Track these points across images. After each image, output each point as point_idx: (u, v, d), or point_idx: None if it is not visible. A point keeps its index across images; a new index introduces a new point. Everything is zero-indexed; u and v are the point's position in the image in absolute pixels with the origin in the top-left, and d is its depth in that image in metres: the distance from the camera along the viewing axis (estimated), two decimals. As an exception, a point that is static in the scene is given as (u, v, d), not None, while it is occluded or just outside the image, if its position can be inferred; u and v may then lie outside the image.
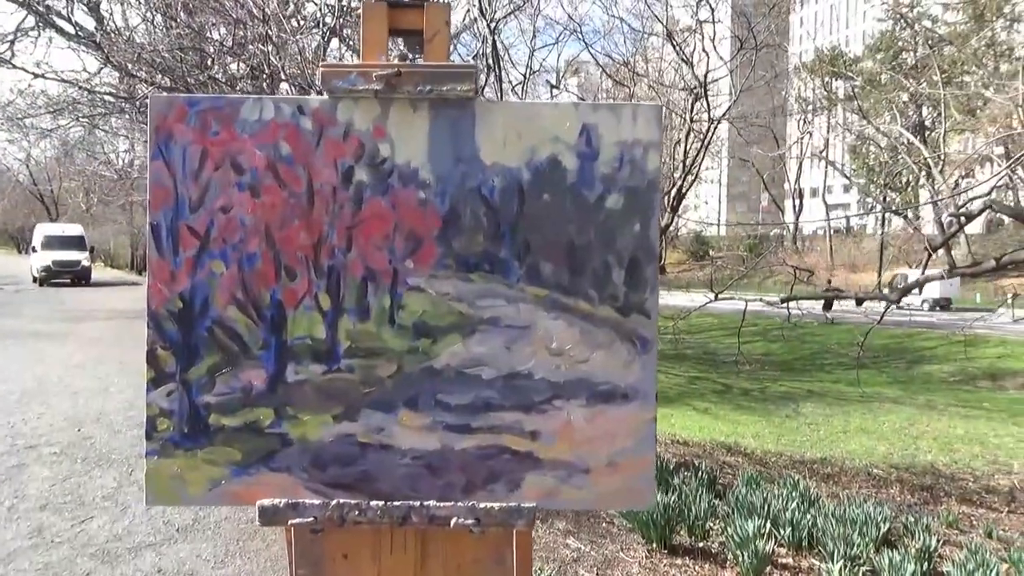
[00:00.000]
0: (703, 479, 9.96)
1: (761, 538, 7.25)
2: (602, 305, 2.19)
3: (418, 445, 2.19)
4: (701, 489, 9.07)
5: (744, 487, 9.74)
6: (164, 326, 2.19)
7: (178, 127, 2.18)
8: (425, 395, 2.19)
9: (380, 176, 2.18)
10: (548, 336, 2.18)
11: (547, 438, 2.19)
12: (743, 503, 8.66)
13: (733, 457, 14.35)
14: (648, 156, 2.19)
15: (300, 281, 2.19)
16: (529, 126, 2.19)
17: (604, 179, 2.18)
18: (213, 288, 2.18)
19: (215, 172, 2.18)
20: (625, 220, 2.19)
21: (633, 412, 2.19)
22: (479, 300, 2.18)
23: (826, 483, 12.71)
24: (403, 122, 2.18)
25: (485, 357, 2.18)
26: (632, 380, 2.19)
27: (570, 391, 2.19)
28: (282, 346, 2.19)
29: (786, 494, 9.55)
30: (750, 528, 7.29)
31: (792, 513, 8.20)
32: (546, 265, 2.19)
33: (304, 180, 2.18)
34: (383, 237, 2.18)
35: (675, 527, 7.88)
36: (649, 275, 2.20)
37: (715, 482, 10.37)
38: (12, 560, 6.41)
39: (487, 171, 2.18)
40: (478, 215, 2.18)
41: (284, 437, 2.19)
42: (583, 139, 2.18)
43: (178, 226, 2.18)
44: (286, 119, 2.18)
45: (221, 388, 2.19)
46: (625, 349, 2.19)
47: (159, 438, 2.19)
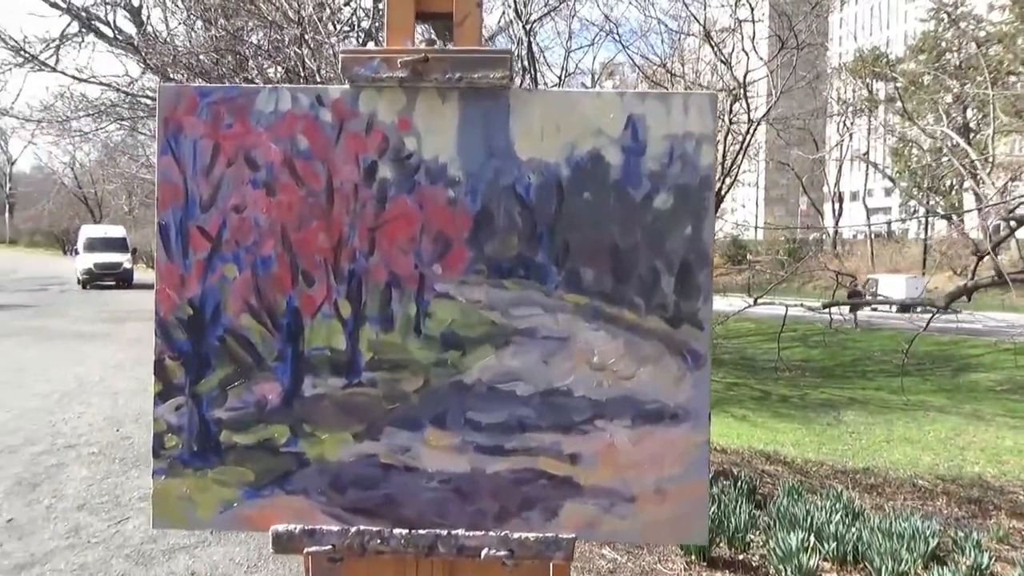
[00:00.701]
0: (742, 488, 9.67)
1: (805, 552, 6.97)
2: (649, 315, 1.98)
3: (446, 467, 1.99)
4: (741, 499, 8.80)
5: (785, 498, 9.43)
6: (173, 335, 2.02)
7: (188, 120, 2.01)
8: (454, 412, 1.99)
9: (405, 173, 1.99)
10: (589, 349, 1.98)
11: (588, 462, 1.98)
12: (785, 515, 8.37)
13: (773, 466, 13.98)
14: (701, 150, 1.98)
15: (318, 287, 2.00)
16: (569, 118, 1.98)
17: (652, 176, 1.97)
18: (225, 294, 2.01)
19: (228, 168, 2.01)
20: (675, 221, 1.97)
21: (683, 434, 1.98)
22: (513, 309, 1.98)
23: (869, 494, 12.31)
24: (431, 113, 1.99)
25: (520, 371, 1.98)
26: (682, 399, 1.98)
27: (613, 410, 1.98)
28: (299, 357, 2.01)
29: (829, 506, 9.22)
30: (793, 542, 7.01)
31: (836, 526, 7.90)
32: (587, 270, 1.98)
33: (323, 177, 2.00)
34: (409, 239, 1.99)
35: (715, 538, 7.61)
36: (702, 282, 1.98)
37: (755, 492, 10.06)
38: (49, 560, 6.43)
39: (522, 167, 1.98)
40: (512, 215, 1.98)
41: (300, 457, 2.01)
42: (629, 132, 1.97)
43: (188, 227, 2.01)
44: (304, 111, 2.00)
45: (233, 402, 2.01)
46: (675, 364, 1.98)
47: (167, 456, 2.03)
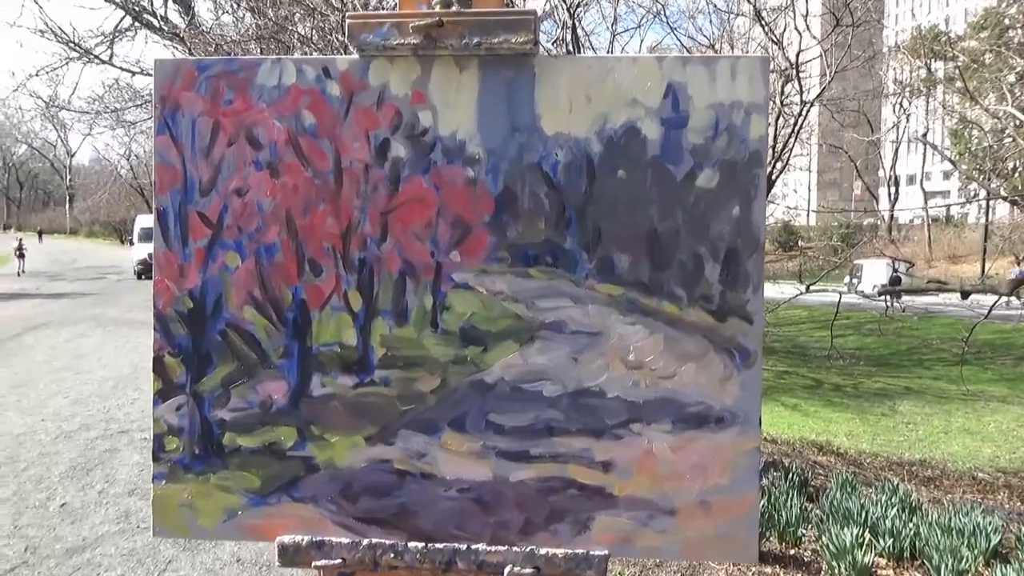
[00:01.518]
0: (794, 481, 9.35)
1: (859, 548, 6.66)
2: (692, 307, 1.76)
3: (466, 475, 1.81)
4: (792, 492, 8.50)
5: (839, 491, 9.09)
6: (172, 329, 1.87)
7: (186, 96, 1.85)
8: (474, 415, 1.81)
9: (420, 151, 1.80)
10: (624, 345, 1.77)
11: (623, 470, 1.78)
12: (838, 508, 8.05)
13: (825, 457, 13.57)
14: (751, 122, 1.75)
15: (327, 277, 1.83)
16: (601, 87, 1.77)
17: (695, 151, 1.75)
18: (227, 285, 1.85)
19: (228, 148, 1.84)
20: (721, 201, 1.76)
21: (731, 440, 1.76)
22: (539, 300, 1.78)
23: (926, 487, 11.85)
24: (447, 85, 1.80)
25: (547, 370, 1.79)
26: (730, 401, 1.76)
27: (651, 413, 1.77)
28: (306, 354, 1.84)
29: (885, 500, 8.85)
30: (847, 537, 6.71)
31: (892, 521, 7.56)
32: (621, 257, 1.77)
33: (331, 157, 1.82)
34: (424, 224, 1.81)
35: (765, 533, 7.34)
36: (751, 270, 1.76)
37: (807, 484, 9.73)
38: (99, 544, 6.50)
39: (549, 143, 1.77)
40: (538, 196, 1.78)
41: (309, 461, 1.85)
42: (668, 101, 1.76)
43: (187, 212, 1.86)
44: (309, 84, 1.83)
45: (237, 402, 1.86)
46: (721, 362, 1.76)
47: (167, 459, 1.88)
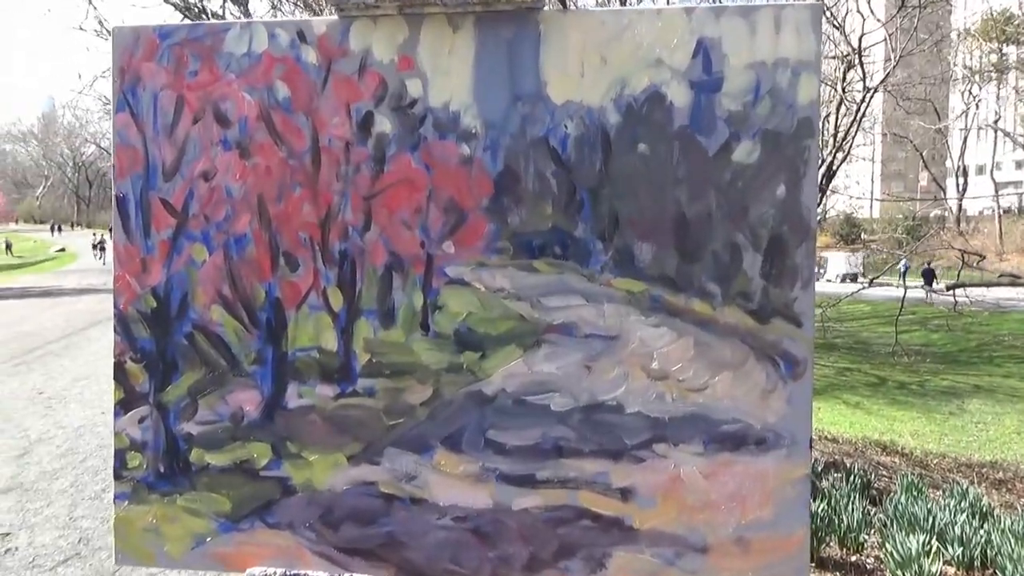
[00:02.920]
0: (855, 483, 8.86)
1: (926, 556, 6.21)
2: (728, 306, 1.48)
3: (462, 500, 1.56)
4: (854, 495, 8.03)
5: (903, 494, 8.58)
6: (134, 331, 1.66)
7: (147, 67, 1.63)
8: (471, 431, 1.56)
9: (408, 125, 1.55)
10: (646, 351, 1.50)
11: (645, 499, 1.51)
12: (903, 513, 7.58)
13: (889, 457, 12.97)
14: (799, 83, 1.46)
15: (303, 272, 1.60)
16: (618, 46, 1.50)
17: (731, 119, 1.47)
18: (193, 281, 1.63)
19: (194, 126, 1.62)
20: (763, 179, 1.47)
21: (775, 465, 1.47)
22: (546, 298, 1.52)
23: (997, 490, 11.20)
24: (439, 48, 1.54)
25: (555, 380, 1.52)
26: (773, 419, 1.47)
27: (679, 432, 1.50)
28: (281, 360, 1.61)
29: (954, 504, 8.33)
30: (913, 544, 6.26)
31: (962, 527, 7.07)
32: (643, 247, 1.50)
33: (307, 134, 1.59)
34: (413, 210, 1.56)
35: (824, 538, 6.92)
36: (800, 262, 1.47)
37: (869, 486, 9.22)
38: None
39: (557, 113, 1.51)
40: (545, 176, 1.52)
41: (284, 483, 1.62)
42: (699, 61, 1.48)
43: (149, 199, 1.64)
44: (283, 51, 1.59)
45: (205, 414, 1.64)
46: (763, 372, 1.47)
47: (130, 478, 1.67)
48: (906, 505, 8.03)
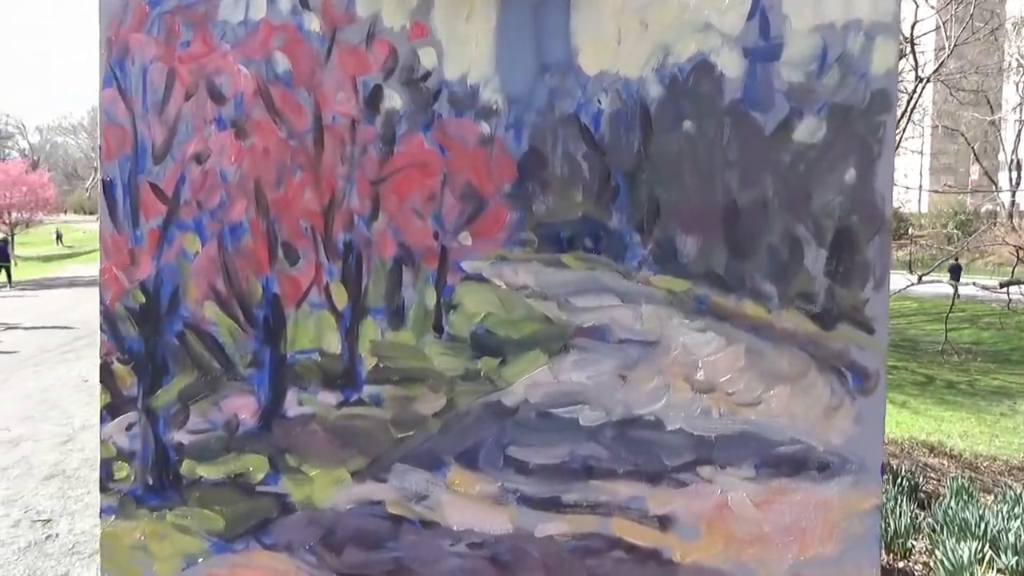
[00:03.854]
0: (902, 485, 8.52)
1: (978, 564, 5.89)
2: (786, 309, 1.28)
3: (478, 525, 1.39)
4: (901, 498, 7.71)
5: (953, 498, 8.22)
6: (122, 329, 1.51)
7: (136, 38, 1.47)
8: (489, 447, 1.38)
9: (421, 100, 1.38)
10: (690, 359, 1.30)
11: (687, 528, 1.32)
12: (953, 519, 7.23)
13: (937, 459, 12.53)
14: (874, 49, 1.25)
15: (304, 265, 1.43)
16: (660, 8, 1.30)
17: (792, 92, 1.27)
18: (185, 275, 1.47)
19: (186, 103, 1.46)
20: (830, 161, 1.26)
21: (840, 494, 1.27)
22: (575, 297, 1.33)
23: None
24: (456, 13, 1.36)
25: (585, 390, 1.34)
26: (839, 440, 1.27)
27: (727, 453, 1.30)
28: (279, 363, 1.45)
29: (1007, 510, 7.95)
30: (964, 552, 5.95)
31: (1016, 534, 6.72)
32: (687, 240, 1.30)
33: (309, 111, 1.42)
34: (426, 197, 1.38)
35: (871, 547, 6.61)
36: (871, 258, 1.26)
37: (917, 489, 8.86)
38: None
39: (590, 86, 1.32)
40: (575, 159, 1.33)
41: (283, 499, 1.46)
42: (755, 24, 1.27)
43: (138, 183, 1.48)
44: (283, 18, 1.43)
45: (197, 422, 1.48)
46: (827, 385, 1.27)
47: (117, 490, 1.52)
48: (956, 510, 7.68)
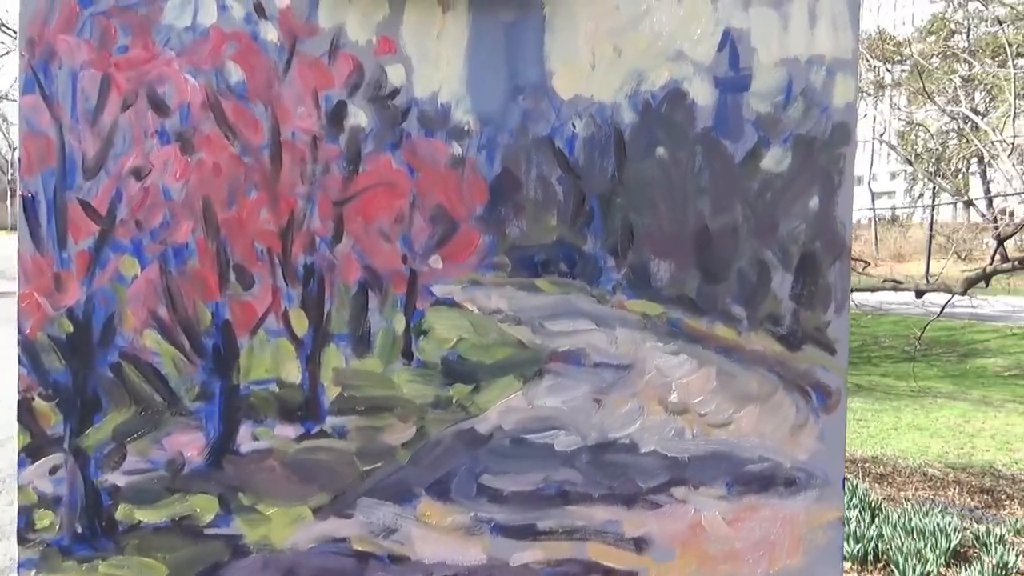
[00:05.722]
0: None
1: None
2: (755, 331, 1.32)
3: (451, 557, 1.35)
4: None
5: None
6: (45, 362, 1.36)
7: (63, 40, 1.34)
8: (462, 476, 1.34)
9: (389, 118, 1.33)
10: (664, 382, 1.32)
11: (662, 549, 1.33)
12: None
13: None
14: (835, 83, 1.32)
15: (259, 290, 1.35)
16: (634, 35, 1.32)
17: (760, 122, 1.32)
18: (121, 301, 1.35)
19: (123, 113, 1.34)
20: (795, 190, 1.32)
21: (806, 508, 1.33)
22: (550, 321, 1.33)
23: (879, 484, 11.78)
24: (426, 29, 1.32)
25: (560, 415, 1.33)
26: (804, 456, 1.33)
27: (700, 473, 1.33)
28: (231, 395, 1.35)
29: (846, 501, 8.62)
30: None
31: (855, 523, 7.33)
32: (660, 264, 1.32)
33: (265, 125, 1.34)
34: (393, 218, 1.33)
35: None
36: (833, 281, 1.33)
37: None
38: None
39: (564, 109, 1.32)
40: (548, 182, 1.32)
41: (235, 542, 1.36)
42: (725, 55, 1.31)
43: (65, 200, 1.34)
44: (236, 26, 1.34)
45: (135, 462, 1.36)
46: (793, 404, 1.33)
47: (38, 541, 1.37)
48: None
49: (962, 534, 7.55)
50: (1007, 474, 13.38)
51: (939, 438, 16.47)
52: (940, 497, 11.44)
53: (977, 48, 33.57)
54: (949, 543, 7.12)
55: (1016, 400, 20.92)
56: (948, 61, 29.99)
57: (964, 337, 29.65)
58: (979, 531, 7.92)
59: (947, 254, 37.05)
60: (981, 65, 25.65)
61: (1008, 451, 15.28)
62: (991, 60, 20.27)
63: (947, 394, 21.50)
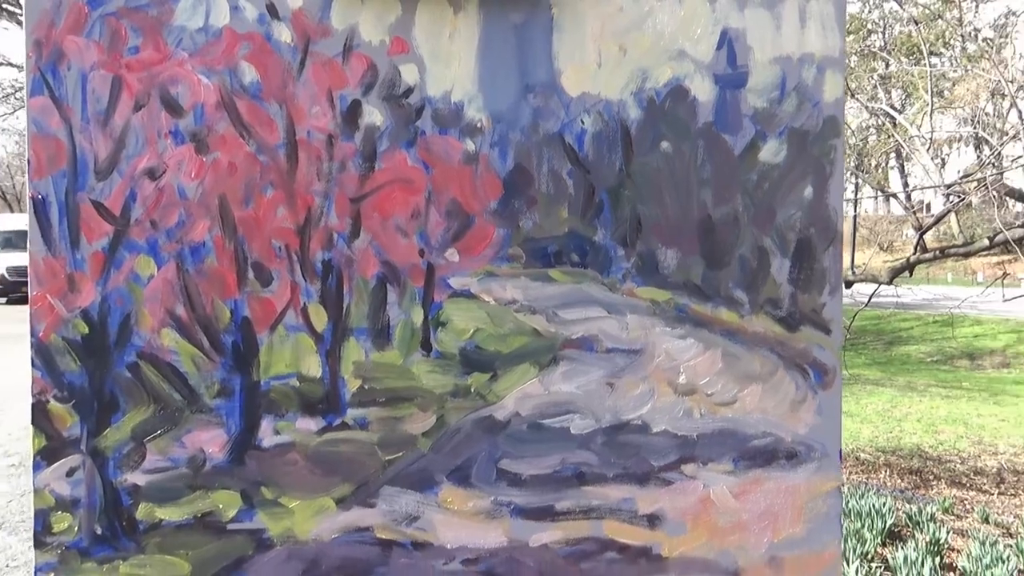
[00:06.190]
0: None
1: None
2: (756, 314, 1.40)
3: (472, 541, 1.39)
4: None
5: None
6: (60, 364, 1.35)
7: (72, 42, 1.33)
8: (482, 462, 1.39)
9: (403, 116, 1.36)
10: (672, 365, 1.39)
11: (674, 524, 1.40)
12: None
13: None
14: (825, 80, 1.40)
15: (279, 287, 1.36)
16: (638, 34, 1.38)
17: (757, 116, 1.39)
18: (137, 301, 1.35)
19: (135, 114, 1.34)
20: (791, 180, 1.41)
21: (806, 479, 1.41)
22: (563, 310, 1.38)
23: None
24: (438, 30, 1.36)
25: (575, 400, 1.39)
26: (804, 430, 1.41)
27: (708, 450, 1.40)
28: (251, 391, 1.37)
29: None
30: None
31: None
32: (667, 253, 1.39)
33: (281, 124, 1.36)
34: (410, 214, 1.37)
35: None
36: (827, 265, 1.41)
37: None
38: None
39: (572, 107, 1.38)
40: (559, 176, 1.37)
41: (259, 536, 1.38)
42: (723, 54, 1.39)
43: (77, 201, 1.34)
44: (249, 27, 1.35)
45: (155, 460, 1.36)
46: (792, 382, 1.41)
47: (57, 544, 1.36)
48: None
49: (895, 514, 7.90)
50: (933, 455, 13.99)
51: (869, 424, 17.10)
52: (873, 480, 11.93)
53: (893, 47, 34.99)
54: (885, 523, 7.45)
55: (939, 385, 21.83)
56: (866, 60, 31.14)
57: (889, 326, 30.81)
58: (911, 511, 8.30)
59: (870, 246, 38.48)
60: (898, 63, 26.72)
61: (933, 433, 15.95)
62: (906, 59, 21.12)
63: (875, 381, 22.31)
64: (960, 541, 7.64)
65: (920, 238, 11.73)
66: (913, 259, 11.45)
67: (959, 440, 15.21)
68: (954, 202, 11.92)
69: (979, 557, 6.47)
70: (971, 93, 28.42)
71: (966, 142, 31.73)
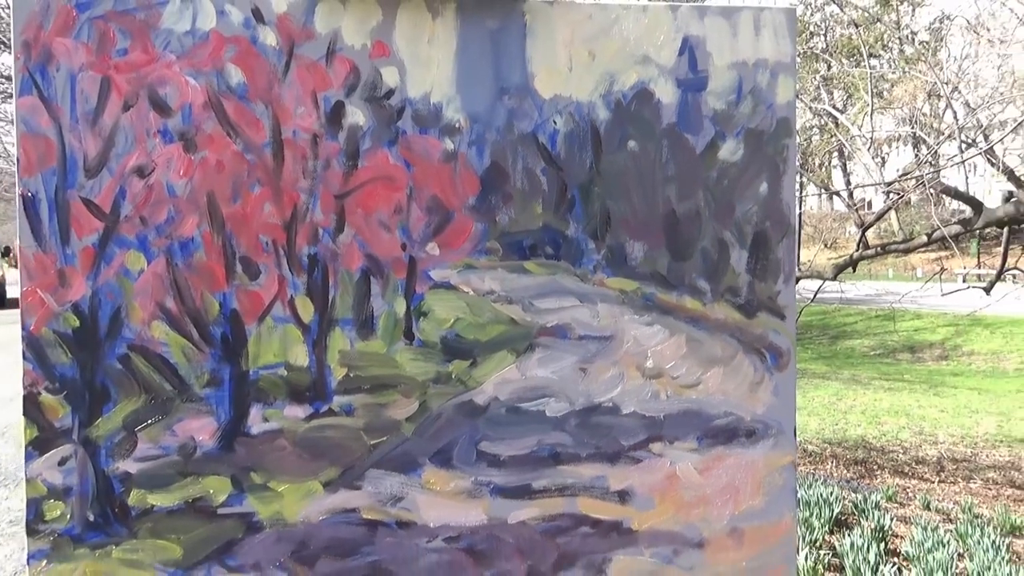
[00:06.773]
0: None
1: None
2: (717, 302, 1.50)
3: (454, 519, 1.46)
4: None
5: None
6: (51, 356, 1.39)
7: (60, 43, 1.38)
8: (462, 445, 1.46)
9: (385, 117, 1.43)
10: (640, 350, 1.48)
11: (643, 500, 1.49)
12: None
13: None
14: (778, 84, 1.51)
15: (266, 280, 1.42)
16: (606, 40, 1.47)
17: (717, 117, 1.49)
18: (128, 294, 1.40)
19: (124, 113, 1.39)
20: (748, 177, 1.51)
21: (764, 455, 1.52)
22: (538, 300, 1.46)
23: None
24: (417, 35, 1.43)
25: (550, 384, 1.47)
26: (761, 410, 1.52)
27: (674, 429, 1.50)
28: (240, 380, 1.42)
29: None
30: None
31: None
32: (635, 246, 1.48)
33: (267, 124, 1.41)
34: (392, 210, 1.44)
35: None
36: (782, 256, 1.52)
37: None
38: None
39: (545, 108, 1.46)
40: (534, 173, 1.46)
41: (248, 519, 1.43)
42: (685, 59, 1.49)
43: (67, 199, 1.38)
44: (235, 31, 1.41)
45: (146, 448, 1.41)
46: (751, 365, 1.51)
47: (49, 532, 1.40)
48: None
49: (842, 503, 8.18)
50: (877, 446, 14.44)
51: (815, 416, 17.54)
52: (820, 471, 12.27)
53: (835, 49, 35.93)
54: (832, 512, 7.71)
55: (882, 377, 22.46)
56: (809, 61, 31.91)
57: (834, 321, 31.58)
58: (857, 499, 8.60)
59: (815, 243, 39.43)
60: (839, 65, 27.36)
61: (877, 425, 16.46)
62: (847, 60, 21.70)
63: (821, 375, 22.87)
64: (903, 528, 7.94)
65: (862, 235, 12.12)
66: (856, 255, 11.82)
67: (901, 431, 15.73)
68: (894, 200, 12.33)
69: (921, 542, 6.75)
70: (909, 94, 29.26)
71: (905, 141, 32.75)
